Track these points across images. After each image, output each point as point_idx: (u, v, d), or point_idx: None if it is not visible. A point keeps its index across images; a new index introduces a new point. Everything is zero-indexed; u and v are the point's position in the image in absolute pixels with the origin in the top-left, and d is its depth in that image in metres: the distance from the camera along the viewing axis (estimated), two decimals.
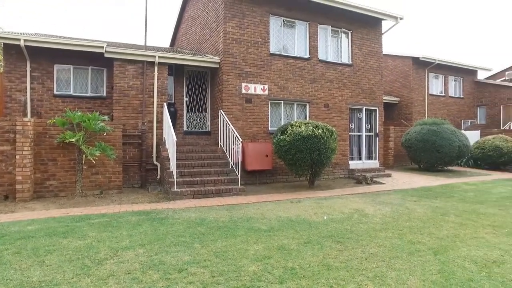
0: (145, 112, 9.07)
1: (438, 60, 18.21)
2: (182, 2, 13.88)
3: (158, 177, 9.03)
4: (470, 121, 20.57)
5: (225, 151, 9.00)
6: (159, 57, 9.16)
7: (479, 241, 4.55)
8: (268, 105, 10.06)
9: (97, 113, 7.38)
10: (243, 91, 9.71)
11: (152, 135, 9.14)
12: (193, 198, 7.28)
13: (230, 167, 8.56)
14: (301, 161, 8.19)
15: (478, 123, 20.86)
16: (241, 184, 8.16)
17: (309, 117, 10.66)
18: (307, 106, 10.73)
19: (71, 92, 9.71)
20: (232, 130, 8.46)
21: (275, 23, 10.36)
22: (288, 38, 10.60)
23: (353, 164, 11.48)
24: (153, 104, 9.16)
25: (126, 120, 8.86)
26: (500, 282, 3.32)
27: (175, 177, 7.41)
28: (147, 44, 10.25)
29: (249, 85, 9.79)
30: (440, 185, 9.71)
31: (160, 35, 53.99)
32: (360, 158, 11.83)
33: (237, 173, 8.18)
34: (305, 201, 7.20)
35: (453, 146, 12.19)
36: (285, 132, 8.45)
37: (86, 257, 3.77)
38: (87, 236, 4.51)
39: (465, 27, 76.46)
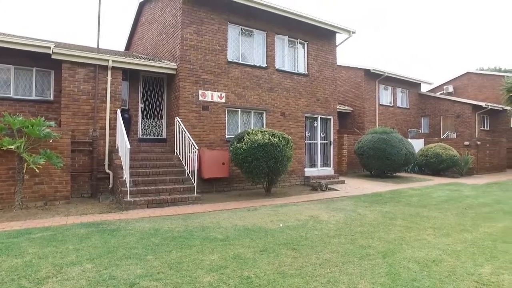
0: (97, 118, 8.64)
1: (387, 73, 19.40)
2: (138, 5, 13.50)
3: (111, 186, 8.62)
4: (415, 130, 22.07)
5: (181, 159, 8.83)
6: (113, 61, 8.80)
7: (422, 243, 4.87)
8: (225, 112, 10.05)
9: (42, 118, 6.87)
10: (200, 98, 9.62)
11: (105, 142, 8.71)
12: (147, 207, 7.03)
13: (186, 175, 8.40)
14: (258, 169, 8.25)
15: (422, 132, 22.45)
16: (197, 193, 8.03)
17: (266, 125, 10.80)
18: (264, 114, 10.87)
19: (11, 95, 8.95)
20: (189, 137, 8.32)
21: (233, 31, 10.43)
22: (246, 47, 10.71)
23: (309, 171, 11.79)
24: (105, 110, 8.75)
25: (75, 126, 8.37)
26: (438, 280, 3.58)
27: (128, 186, 7.11)
28: (101, 47, 9.82)
29: (206, 92, 9.72)
30: (389, 190, 10.26)
31: (115, 39, 52.02)
32: (315, 166, 12.19)
33: (193, 182, 8.04)
34: (261, 209, 7.25)
35: (401, 153, 12.99)
36: (242, 140, 8.49)
37: (24, 277, 3.44)
38: (26, 253, 4.14)
39: (414, 43, 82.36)
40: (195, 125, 9.50)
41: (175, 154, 9.23)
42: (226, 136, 10.03)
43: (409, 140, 16.42)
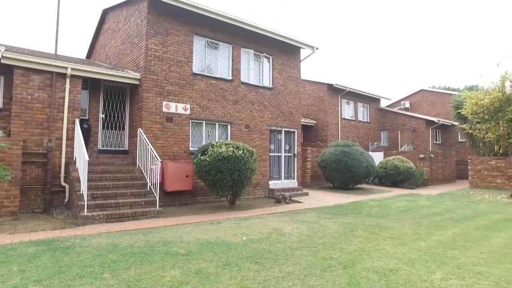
0: (53, 128, 8.20)
1: (349, 88, 20.20)
2: (101, 12, 13.14)
3: (66, 200, 8.15)
4: (375, 143, 23.04)
5: (144, 171, 8.57)
6: (73, 68, 8.44)
7: (381, 253, 5.04)
8: (189, 124, 9.94)
9: None
10: (164, 109, 9.46)
11: (61, 154, 8.26)
12: (106, 222, 6.71)
13: (148, 188, 8.15)
14: (222, 182, 8.19)
15: (382, 145, 23.49)
16: (159, 206, 7.80)
17: (230, 137, 10.80)
18: (229, 127, 10.88)
19: None
20: (151, 149, 8.12)
21: (199, 43, 10.43)
22: (211, 59, 10.73)
23: (273, 183, 11.88)
24: (62, 120, 8.34)
25: (28, 136, 7.88)
26: None
27: (85, 200, 6.77)
28: (61, 54, 9.41)
29: (171, 103, 9.58)
30: (351, 202, 10.56)
31: (77, 46, 50.11)
32: (279, 178, 12.31)
33: (156, 195, 7.81)
34: (225, 222, 7.17)
35: (362, 166, 13.47)
36: (206, 152, 8.42)
37: None
38: None
39: (374, 60, 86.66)
40: (159, 137, 9.30)
41: (137, 166, 8.95)
42: (190, 148, 9.90)
43: (370, 153, 17.09)
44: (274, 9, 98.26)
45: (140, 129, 8.96)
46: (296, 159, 12.80)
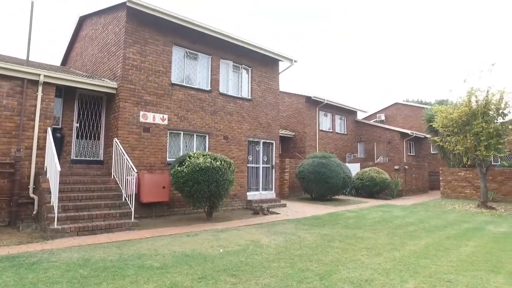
0: (22, 137, 7.88)
1: (326, 100, 20.62)
2: (78, 19, 12.90)
3: (35, 212, 7.79)
4: (352, 154, 23.50)
5: (119, 182, 8.36)
6: (46, 76, 8.19)
7: (356, 263, 5.10)
8: (167, 135, 9.82)
9: None
10: (141, 119, 9.32)
11: (30, 164, 7.93)
12: (77, 235, 6.46)
13: (124, 199, 7.94)
14: (199, 193, 8.11)
15: (359, 156, 23.99)
16: (135, 218, 7.61)
17: (208, 148, 10.74)
18: (207, 138, 10.83)
19: None
20: (127, 160, 7.95)
21: (178, 54, 10.40)
22: (190, 70, 10.72)
23: (251, 195, 11.85)
24: (33, 128, 8.03)
25: None
26: None
27: (56, 212, 6.51)
28: (35, 61, 9.13)
29: (148, 114, 9.46)
30: (328, 213, 10.67)
31: (52, 53, 48.82)
32: (257, 189, 12.30)
33: (131, 206, 7.62)
34: (202, 234, 7.07)
35: (339, 177, 13.68)
36: (183, 163, 8.32)
37: None
38: None
39: (352, 73, 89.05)
40: (135, 147, 9.13)
41: (112, 177, 8.72)
42: (168, 159, 9.76)
43: (347, 164, 17.42)
44: (248, 9, 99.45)
45: (116, 139, 8.77)
46: (274, 170, 12.86)
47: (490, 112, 12.47)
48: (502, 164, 17.34)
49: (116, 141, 8.68)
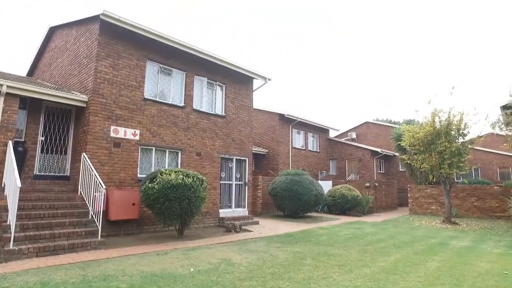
0: None
1: (299, 118, 21.00)
2: (48, 30, 12.54)
3: None
4: (324, 172, 23.88)
5: (86, 199, 8.01)
6: (9, 86, 7.80)
7: (328, 281, 5.10)
8: (138, 150, 9.60)
9: None
10: (112, 134, 9.07)
11: None
12: (36, 256, 6.07)
13: (90, 217, 7.61)
14: (170, 210, 7.91)
15: (331, 174, 24.41)
16: (102, 236, 7.28)
17: (181, 165, 10.58)
18: (180, 154, 10.67)
19: None
20: (96, 175, 7.66)
21: (152, 69, 10.32)
22: (164, 85, 10.63)
23: (223, 212, 11.71)
24: None
25: None
26: None
27: (13, 232, 6.10)
28: None
29: (119, 128, 9.23)
30: (300, 230, 10.69)
31: (19, 64, 46.98)
32: (230, 207, 12.17)
33: (98, 224, 7.30)
34: (172, 252, 6.87)
35: (311, 194, 13.81)
36: (154, 179, 8.13)
37: None
38: None
39: (326, 91, 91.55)
40: (105, 163, 8.84)
41: (79, 193, 8.36)
42: (139, 175, 9.50)
43: (319, 181, 17.65)
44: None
45: (84, 153, 8.45)
46: (247, 187, 12.80)
47: (452, 132, 13.18)
48: (463, 182, 18.19)
49: (84, 156, 8.37)
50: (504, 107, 14.12)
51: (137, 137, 9.59)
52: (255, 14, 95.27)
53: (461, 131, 13.21)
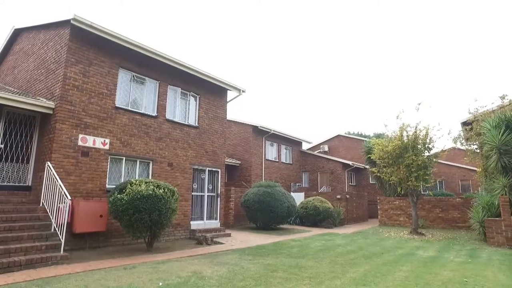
0: None
1: (273, 130, 21.19)
2: (12, 31, 12.01)
3: None
4: (297, 184, 24.10)
5: (49, 211, 7.61)
6: None
7: None
8: (108, 160, 9.29)
9: None
10: (80, 143, 8.74)
11: None
12: None
13: (53, 230, 7.22)
14: (140, 222, 7.67)
15: (303, 186, 24.67)
16: (65, 250, 6.91)
17: (152, 175, 10.34)
18: (151, 164, 10.44)
19: None
20: (60, 186, 7.31)
21: (124, 77, 10.11)
22: (137, 94, 10.43)
23: (195, 224, 11.49)
24: None
25: None
26: None
27: None
28: None
29: (88, 137, 8.92)
30: (272, 242, 10.66)
31: None
32: (202, 218, 11.97)
33: (61, 237, 6.94)
34: (140, 266, 6.62)
35: (284, 206, 13.86)
36: (124, 190, 7.88)
37: None
38: None
39: (300, 104, 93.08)
40: (71, 172, 8.47)
41: (41, 205, 7.93)
42: (107, 186, 9.17)
43: (292, 193, 17.78)
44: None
45: (49, 162, 8.06)
46: (219, 199, 12.67)
47: (419, 146, 13.76)
48: (429, 194, 18.95)
49: (49, 165, 7.99)
50: (464, 123, 14.98)
51: (107, 147, 9.29)
52: (233, 28, 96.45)
53: (426, 145, 13.82)
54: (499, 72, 77.68)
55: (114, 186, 8.71)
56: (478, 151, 14.38)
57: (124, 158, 9.75)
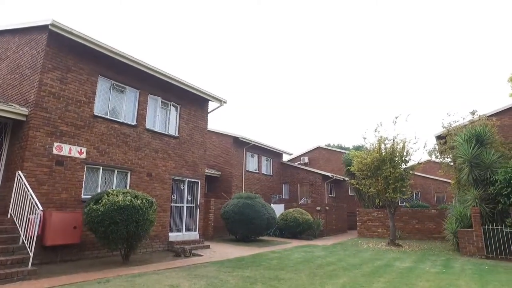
0: None
1: (253, 142, 21.22)
2: None
3: None
4: (277, 195, 24.10)
5: (17, 222, 7.26)
6: None
7: None
8: (84, 169, 9.01)
9: None
10: (55, 151, 8.45)
11: None
12: None
13: (21, 243, 6.88)
14: (116, 234, 7.43)
15: (283, 197, 24.68)
16: (34, 264, 6.58)
17: (130, 185, 10.09)
18: (129, 174, 10.20)
19: None
20: (31, 196, 7.01)
21: (104, 85, 9.92)
22: (116, 102, 10.24)
23: (173, 236, 11.24)
24: None
25: None
26: None
27: None
28: None
29: (64, 145, 8.64)
30: (251, 254, 10.56)
31: None
32: (180, 230, 11.73)
33: (30, 251, 6.61)
34: (116, 280, 6.40)
35: (264, 218, 13.80)
36: (100, 201, 7.64)
37: None
38: None
39: (280, 115, 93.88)
40: (44, 182, 8.15)
41: (9, 216, 7.57)
42: (83, 196, 8.87)
43: (272, 205, 17.75)
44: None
45: (20, 171, 7.74)
46: (198, 210, 12.48)
47: (396, 159, 14.11)
48: (405, 205, 19.36)
49: (19, 174, 7.66)
50: (439, 137, 15.52)
51: (83, 155, 9.03)
52: (214, 40, 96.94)
53: (403, 158, 14.19)
54: (472, 86, 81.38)
55: (90, 197, 8.44)
56: (451, 164, 14.89)
57: (101, 167, 9.48)
